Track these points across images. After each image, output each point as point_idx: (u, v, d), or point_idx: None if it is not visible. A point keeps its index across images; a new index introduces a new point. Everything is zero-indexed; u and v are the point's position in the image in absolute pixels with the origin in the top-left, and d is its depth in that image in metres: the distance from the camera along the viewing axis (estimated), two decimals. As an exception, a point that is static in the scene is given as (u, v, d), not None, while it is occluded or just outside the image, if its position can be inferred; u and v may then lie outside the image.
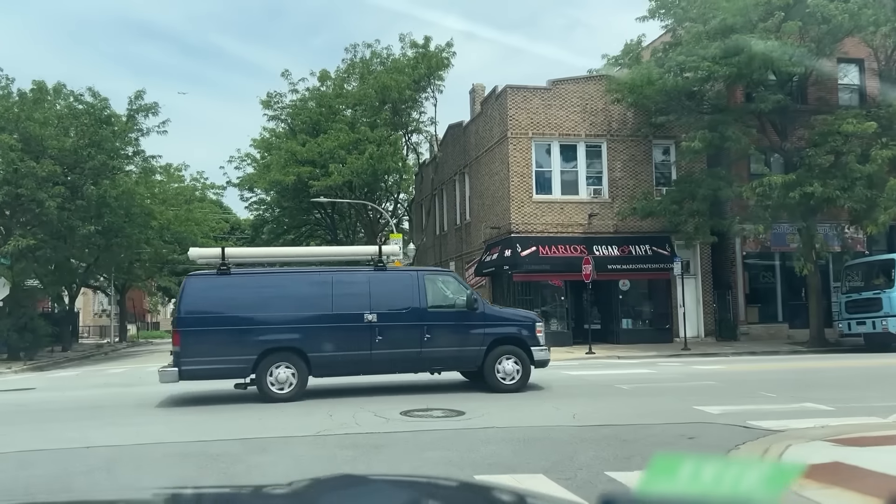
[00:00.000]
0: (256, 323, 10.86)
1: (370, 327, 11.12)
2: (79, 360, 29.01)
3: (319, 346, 10.96)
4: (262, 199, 37.97)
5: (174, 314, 11.24)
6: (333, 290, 11.10)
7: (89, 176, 24.75)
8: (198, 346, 10.64)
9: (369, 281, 11.35)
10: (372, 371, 11.53)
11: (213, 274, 11.13)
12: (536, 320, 12.50)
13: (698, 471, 0.85)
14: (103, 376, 18.20)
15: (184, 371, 10.61)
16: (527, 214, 24.16)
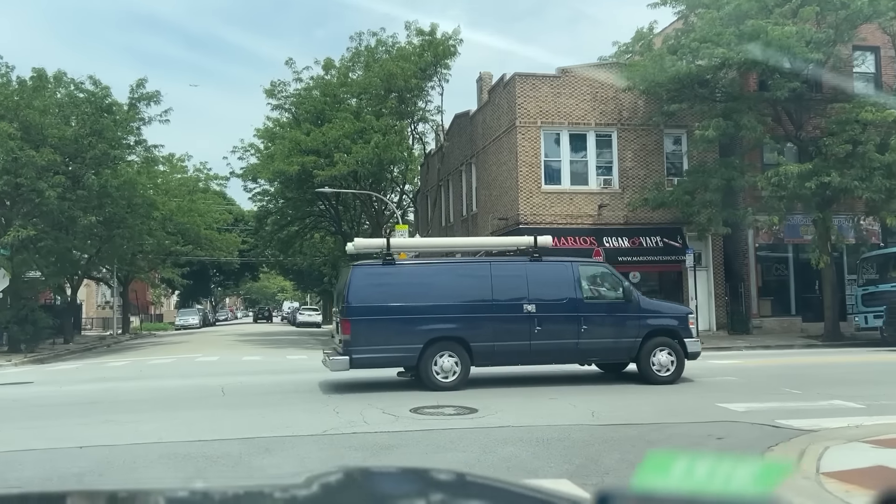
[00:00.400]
0: (421, 312, 11.02)
1: (529, 318, 11.21)
2: (80, 352, 28.67)
3: (481, 336, 11.13)
4: (266, 189, 37.47)
5: (341, 303, 11.31)
6: (493, 280, 11.25)
7: (90, 165, 24.32)
8: (367, 335, 10.85)
9: (526, 272, 11.42)
10: (531, 362, 11.67)
11: (377, 264, 11.37)
12: (689, 312, 12.60)
13: (692, 468, 0.85)
14: (103, 370, 17.82)
15: (355, 359, 10.82)
16: (535, 205, 23.67)
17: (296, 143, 26.74)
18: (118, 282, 44.64)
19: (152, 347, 29.89)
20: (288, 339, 35.07)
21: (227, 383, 12.37)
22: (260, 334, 40.65)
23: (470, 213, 29.65)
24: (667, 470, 0.88)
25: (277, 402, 9.99)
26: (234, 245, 51.11)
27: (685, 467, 0.88)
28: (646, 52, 22.18)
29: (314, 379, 12.97)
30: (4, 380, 15.29)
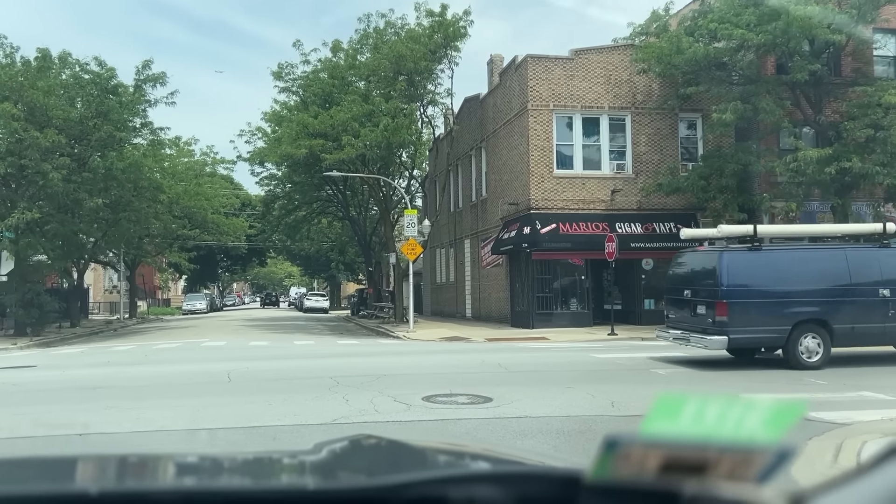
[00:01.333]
0: (788, 296, 11.83)
1: (884, 302, 11.92)
2: (87, 336, 28.51)
3: (841, 319, 11.84)
4: (273, 174, 37.12)
5: (717, 285, 11.77)
6: (849, 265, 11.94)
7: (95, 148, 24.03)
8: (741, 317, 11.60)
9: (878, 257, 12.10)
10: (885, 343, 12.54)
11: (742, 249, 11.99)
12: None
13: (702, 410, 0.84)
14: (108, 354, 17.59)
15: (732, 339, 11.63)
16: (547, 190, 23.25)
17: (303, 126, 26.32)
18: (125, 266, 44.49)
19: (159, 332, 29.71)
20: (295, 324, 34.86)
21: (233, 369, 12.08)
22: (267, 319, 40.46)
23: (479, 198, 29.24)
24: (676, 414, 0.85)
25: (285, 388, 9.68)
26: (241, 230, 50.87)
27: (695, 411, 0.85)
28: (662, 34, 21.63)
29: (322, 365, 12.67)
30: (8, 363, 15.06)
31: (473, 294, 29.88)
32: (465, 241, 31.32)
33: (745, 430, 0.83)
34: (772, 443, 0.82)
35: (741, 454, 0.82)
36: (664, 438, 0.84)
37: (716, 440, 0.82)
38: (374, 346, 19.15)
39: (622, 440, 0.85)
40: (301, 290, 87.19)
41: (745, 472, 0.83)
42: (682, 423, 0.85)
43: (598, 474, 0.88)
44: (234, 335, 24.73)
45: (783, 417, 0.84)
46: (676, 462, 0.83)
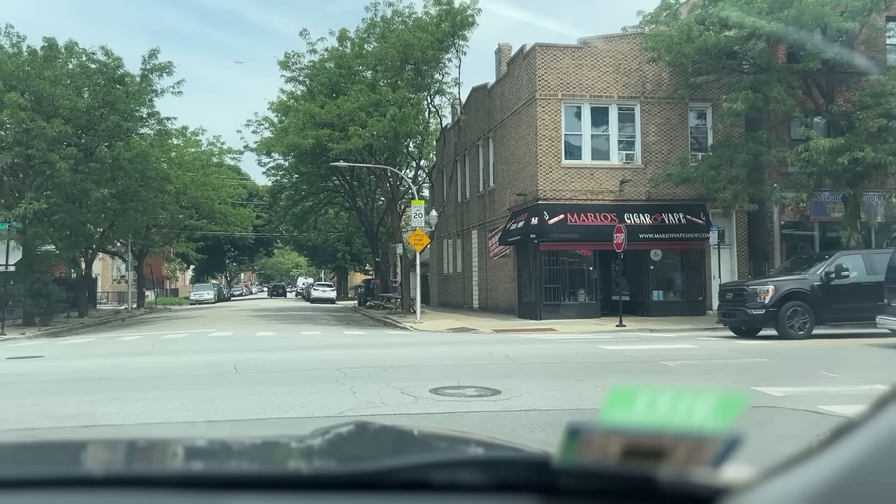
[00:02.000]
0: None
1: None
2: (95, 326, 28.59)
3: None
4: (280, 164, 37.06)
5: None
6: None
7: (102, 138, 23.98)
8: None
9: None
10: None
11: None
12: None
13: (653, 401, 0.89)
14: (115, 344, 17.59)
15: None
16: (555, 180, 23.09)
17: (310, 115, 26.21)
18: (133, 256, 44.58)
19: (166, 322, 29.76)
20: (302, 314, 34.87)
21: (240, 360, 12.03)
22: (274, 310, 40.52)
23: (487, 188, 29.09)
24: (630, 404, 0.90)
25: (291, 380, 9.62)
26: (248, 220, 50.93)
27: (647, 401, 0.90)
28: (672, 22, 21.39)
29: (329, 356, 12.61)
30: (16, 353, 15.07)
31: (480, 285, 29.79)
32: (472, 232, 31.21)
33: (696, 419, 0.88)
34: (722, 430, 0.86)
35: (695, 441, 0.87)
36: (623, 426, 0.88)
37: (670, 428, 0.87)
38: (381, 338, 19.10)
39: (583, 428, 0.90)
40: (308, 281, 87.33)
41: (701, 458, 0.87)
42: (635, 413, 0.89)
43: (564, 459, 0.92)
44: (241, 325, 24.73)
45: (729, 407, 0.89)
46: (635, 448, 0.88)
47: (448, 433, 1.85)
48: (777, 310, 15.59)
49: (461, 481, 1.01)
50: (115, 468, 1.34)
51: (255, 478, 1.12)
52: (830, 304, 15.70)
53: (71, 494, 1.02)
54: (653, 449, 0.88)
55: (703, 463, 0.87)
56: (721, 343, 15.19)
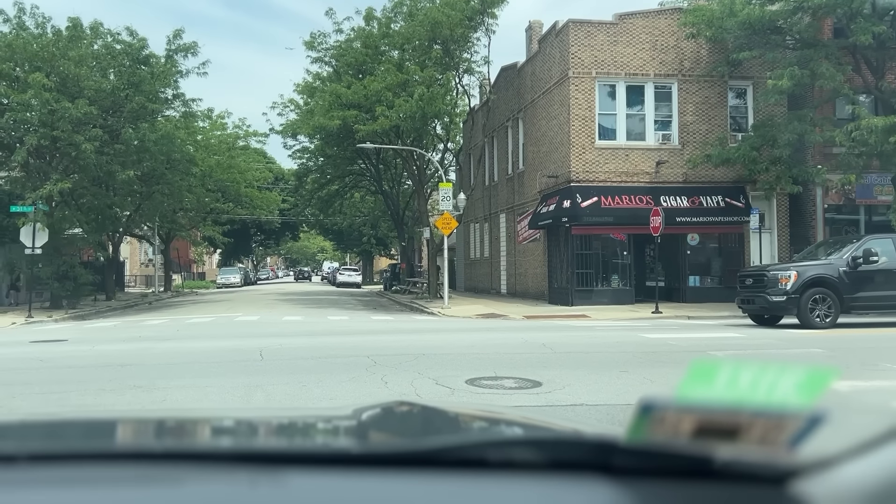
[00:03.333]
0: None
1: None
2: (121, 309, 28.55)
3: None
4: (306, 147, 36.65)
5: None
6: None
7: (128, 119, 23.68)
8: None
9: None
10: None
11: None
12: None
13: (735, 376, 0.86)
14: (140, 328, 17.33)
15: None
16: (588, 162, 22.34)
17: (336, 96, 25.68)
18: (160, 239, 44.69)
19: (192, 305, 29.63)
20: (328, 298, 34.60)
21: (265, 346, 11.61)
22: (300, 294, 40.33)
23: (516, 170, 28.40)
24: (711, 379, 0.87)
25: (319, 368, 9.15)
26: (274, 203, 50.78)
27: (729, 376, 0.87)
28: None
29: (358, 343, 12.15)
30: (41, 336, 14.85)
31: (509, 270, 29.20)
32: (500, 216, 30.57)
33: (778, 395, 0.84)
34: (804, 408, 0.82)
35: (773, 419, 0.83)
36: (698, 403, 0.84)
37: (748, 405, 0.83)
38: (409, 323, 18.63)
39: (657, 404, 0.86)
40: (334, 265, 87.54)
41: (777, 437, 0.84)
42: (715, 389, 0.85)
43: (633, 437, 0.89)
44: (267, 309, 24.44)
45: (816, 383, 0.84)
46: (709, 426, 0.84)
47: (496, 415, 1.78)
48: (799, 297, 14.59)
49: (518, 459, 0.98)
50: (168, 444, 1.33)
51: (311, 453, 1.10)
52: (857, 292, 14.65)
53: (123, 468, 1.01)
54: (728, 427, 0.84)
55: (780, 442, 0.84)
56: (767, 331, 14.46)
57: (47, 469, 1.00)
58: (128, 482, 0.96)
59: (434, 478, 0.96)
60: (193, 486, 0.95)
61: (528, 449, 1.02)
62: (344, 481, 0.95)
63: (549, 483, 0.94)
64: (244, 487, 0.93)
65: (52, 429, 1.54)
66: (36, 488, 0.94)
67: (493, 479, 0.95)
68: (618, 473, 0.93)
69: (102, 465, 1.02)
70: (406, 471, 0.97)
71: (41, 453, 1.07)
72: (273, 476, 0.95)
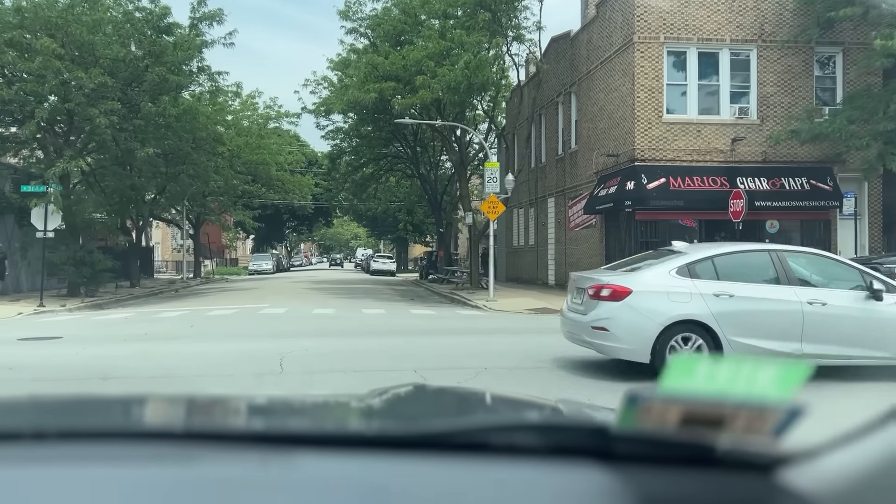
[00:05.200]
0: None
1: None
2: (144, 297, 26.91)
3: None
4: (339, 126, 34.62)
5: None
6: None
7: (148, 92, 21.77)
8: None
9: None
10: None
11: None
12: None
13: (714, 371, 0.89)
14: (153, 322, 15.45)
15: None
16: (655, 138, 19.86)
17: (372, 67, 23.48)
18: (189, 224, 43.20)
19: (219, 294, 27.90)
20: (362, 287, 32.64)
21: (288, 351, 9.53)
22: (333, 282, 38.44)
23: (567, 150, 25.96)
24: (690, 373, 0.89)
25: (354, 386, 7.02)
26: (306, 188, 49.00)
27: (708, 371, 0.89)
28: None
29: (401, 348, 10.01)
30: (36, 331, 13.01)
31: (558, 259, 26.85)
32: (548, 200, 28.20)
33: (757, 388, 0.86)
34: (783, 400, 0.85)
35: (755, 410, 0.86)
36: (682, 394, 0.87)
37: (731, 397, 0.85)
38: (454, 319, 16.46)
39: (643, 395, 0.89)
40: (367, 252, 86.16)
41: (761, 427, 0.86)
42: (696, 382, 0.88)
43: (622, 425, 0.92)
44: (297, 300, 22.53)
45: (791, 377, 0.87)
46: (695, 416, 0.87)
47: (507, 396, 1.78)
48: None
49: (519, 444, 1.00)
50: (183, 423, 1.35)
51: (319, 435, 1.11)
52: None
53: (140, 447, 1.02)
54: (712, 417, 0.86)
55: (764, 432, 0.86)
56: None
57: (71, 446, 1.02)
58: (143, 460, 0.97)
59: (440, 460, 0.97)
60: (205, 465, 0.95)
61: (529, 434, 1.04)
62: (352, 463, 0.97)
63: (549, 467, 0.96)
64: (256, 467, 0.94)
65: (71, 407, 1.53)
66: (59, 464, 0.95)
67: (497, 463, 0.96)
68: (615, 460, 0.93)
69: (118, 443, 1.04)
70: (413, 453, 0.98)
71: (67, 430, 1.09)
72: (284, 457, 0.95)
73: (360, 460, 0.97)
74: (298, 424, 1.33)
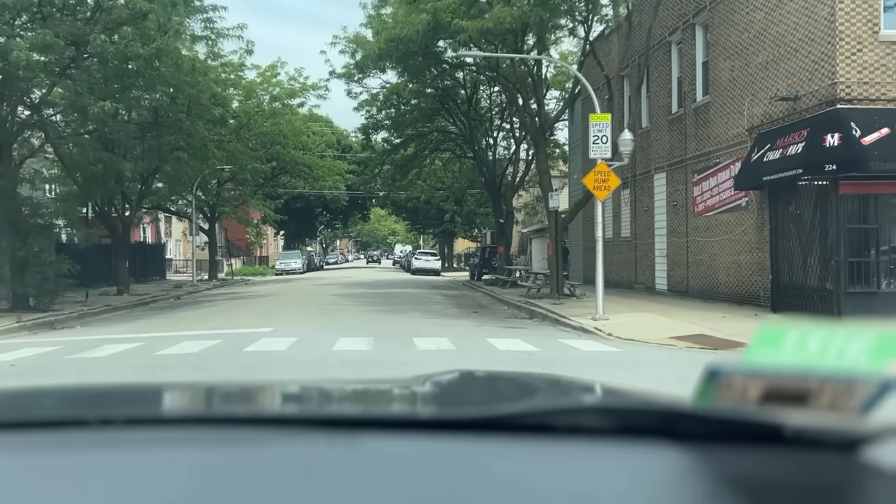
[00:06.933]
0: None
1: None
2: (128, 308, 20.67)
3: None
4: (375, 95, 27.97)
5: None
6: None
7: (101, 23, 15.23)
8: None
9: None
10: None
11: None
12: None
13: (804, 341, 0.84)
14: (65, 367, 9.00)
15: None
16: (868, 66, 12.69)
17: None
18: (203, 217, 37.09)
19: (223, 305, 21.55)
20: (405, 293, 26.01)
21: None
22: (369, 284, 31.83)
23: (689, 105, 18.84)
24: (778, 344, 0.85)
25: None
26: (338, 173, 42.56)
27: (797, 341, 0.84)
28: None
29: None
30: None
31: (674, 256, 19.79)
32: (653, 177, 21.13)
33: (848, 360, 0.81)
34: (875, 373, 0.80)
35: (843, 384, 0.81)
36: (765, 368, 0.84)
37: (817, 370, 0.81)
38: (572, 363, 9.53)
39: (723, 370, 0.85)
40: (406, 248, 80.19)
41: (847, 403, 0.82)
42: (783, 354, 0.84)
43: (699, 403, 0.89)
44: (317, 316, 15.97)
45: (887, 347, 0.82)
46: (778, 392, 0.83)
47: (563, 379, 1.67)
48: None
49: (584, 426, 0.96)
50: (251, 409, 1.34)
51: (385, 418, 1.13)
52: None
53: (208, 431, 1.03)
54: (796, 392, 0.82)
55: (850, 408, 0.82)
56: None
57: (141, 431, 1.03)
58: (213, 443, 0.98)
59: (503, 442, 0.96)
60: (275, 448, 0.97)
61: (594, 415, 1.00)
62: (416, 444, 0.98)
63: (616, 448, 0.94)
64: (322, 448, 0.96)
65: (137, 395, 1.56)
66: (131, 449, 0.97)
67: (561, 444, 0.95)
68: (685, 439, 0.91)
69: (188, 428, 1.05)
70: (475, 435, 0.98)
71: (135, 417, 1.11)
72: (349, 438, 0.98)
73: (423, 442, 0.98)
74: (362, 409, 1.33)
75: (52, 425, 1.05)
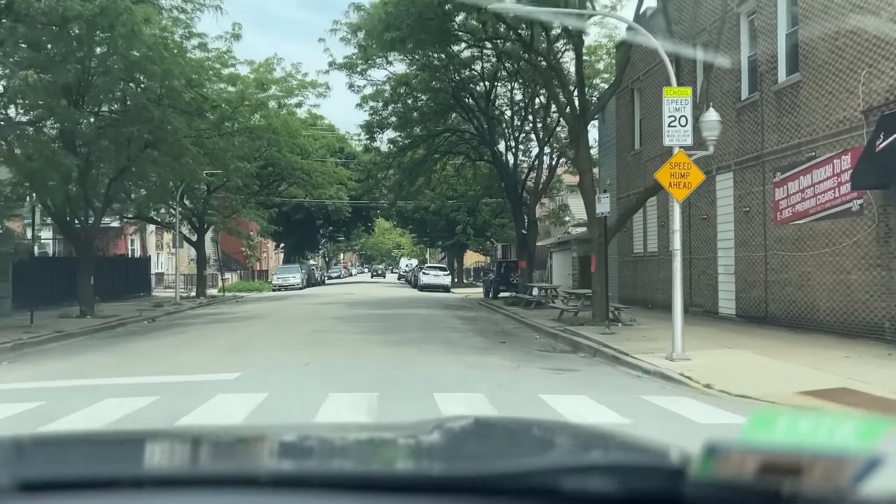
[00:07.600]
0: None
1: None
2: (85, 335, 17.25)
3: None
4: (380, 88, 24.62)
5: None
6: None
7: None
8: None
9: None
10: None
11: None
12: None
13: (795, 423, 0.90)
14: None
15: None
16: None
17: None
18: (190, 227, 33.71)
19: (197, 330, 18.10)
20: (414, 314, 22.52)
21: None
22: (371, 303, 28.29)
23: (769, 88, 15.30)
24: (771, 425, 0.90)
25: None
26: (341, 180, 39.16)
27: (789, 423, 0.90)
28: None
29: None
30: None
31: (744, 275, 16.27)
32: (715, 178, 17.60)
33: (837, 440, 0.86)
34: (863, 450, 0.85)
35: (833, 460, 0.85)
36: (761, 444, 0.88)
37: (809, 447, 0.86)
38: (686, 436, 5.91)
39: (721, 445, 0.90)
40: (412, 262, 76.85)
41: (838, 476, 0.85)
42: (776, 434, 0.89)
43: (701, 473, 0.93)
44: (304, 352, 12.43)
45: (872, 430, 0.87)
46: (772, 465, 0.87)
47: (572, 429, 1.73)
48: None
49: (592, 490, 0.97)
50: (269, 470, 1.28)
51: (377, 479, 1.12)
52: None
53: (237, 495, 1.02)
54: (790, 466, 0.86)
55: (842, 481, 0.85)
56: None
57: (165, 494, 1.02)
58: None
59: None
60: None
61: (602, 477, 1.00)
62: None
63: None
64: None
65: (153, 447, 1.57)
66: None
67: None
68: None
69: (211, 491, 1.03)
70: (476, 498, 0.97)
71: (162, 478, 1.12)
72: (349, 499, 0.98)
73: None
74: (353, 466, 1.33)
75: None
